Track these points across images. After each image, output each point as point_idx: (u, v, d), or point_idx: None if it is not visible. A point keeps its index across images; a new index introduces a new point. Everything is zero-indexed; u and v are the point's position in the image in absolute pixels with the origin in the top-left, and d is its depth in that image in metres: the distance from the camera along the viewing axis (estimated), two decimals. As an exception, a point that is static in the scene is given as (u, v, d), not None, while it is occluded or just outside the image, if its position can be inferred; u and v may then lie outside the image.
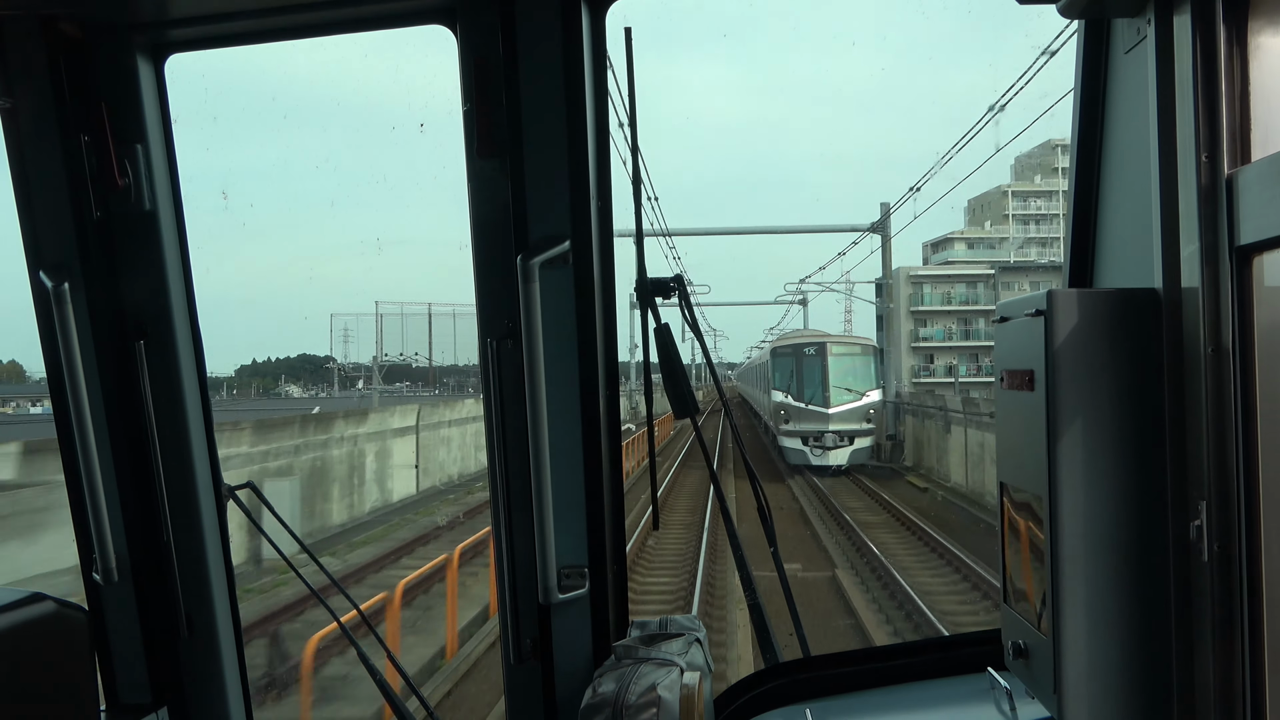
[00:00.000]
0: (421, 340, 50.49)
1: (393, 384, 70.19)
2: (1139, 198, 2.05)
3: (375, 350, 49.90)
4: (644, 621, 2.79)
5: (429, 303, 52.76)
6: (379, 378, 49.23)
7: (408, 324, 50.95)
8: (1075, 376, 1.92)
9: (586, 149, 2.66)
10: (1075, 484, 1.92)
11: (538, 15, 2.60)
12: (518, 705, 2.86)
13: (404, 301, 55.68)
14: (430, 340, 50.10)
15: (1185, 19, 1.86)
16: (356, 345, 58.99)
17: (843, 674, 2.87)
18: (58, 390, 2.85)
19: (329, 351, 67.94)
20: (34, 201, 2.80)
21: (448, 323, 49.23)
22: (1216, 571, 1.82)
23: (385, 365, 51.77)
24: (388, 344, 50.93)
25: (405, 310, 51.36)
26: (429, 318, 50.17)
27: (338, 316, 52.92)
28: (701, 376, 36.30)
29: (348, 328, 53.32)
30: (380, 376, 48.50)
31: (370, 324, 50.62)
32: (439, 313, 49.16)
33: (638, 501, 25.96)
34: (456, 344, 51.04)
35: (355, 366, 57.32)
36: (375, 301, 59.62)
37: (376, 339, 50.29)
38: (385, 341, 50.95)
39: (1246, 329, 1.76)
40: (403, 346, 51.28)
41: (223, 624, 3.07)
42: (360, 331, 56.54)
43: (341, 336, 55.08)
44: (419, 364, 54.82)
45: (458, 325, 49.83)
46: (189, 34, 2.86)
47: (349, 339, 55.26)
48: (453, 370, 75.06)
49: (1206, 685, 1.84)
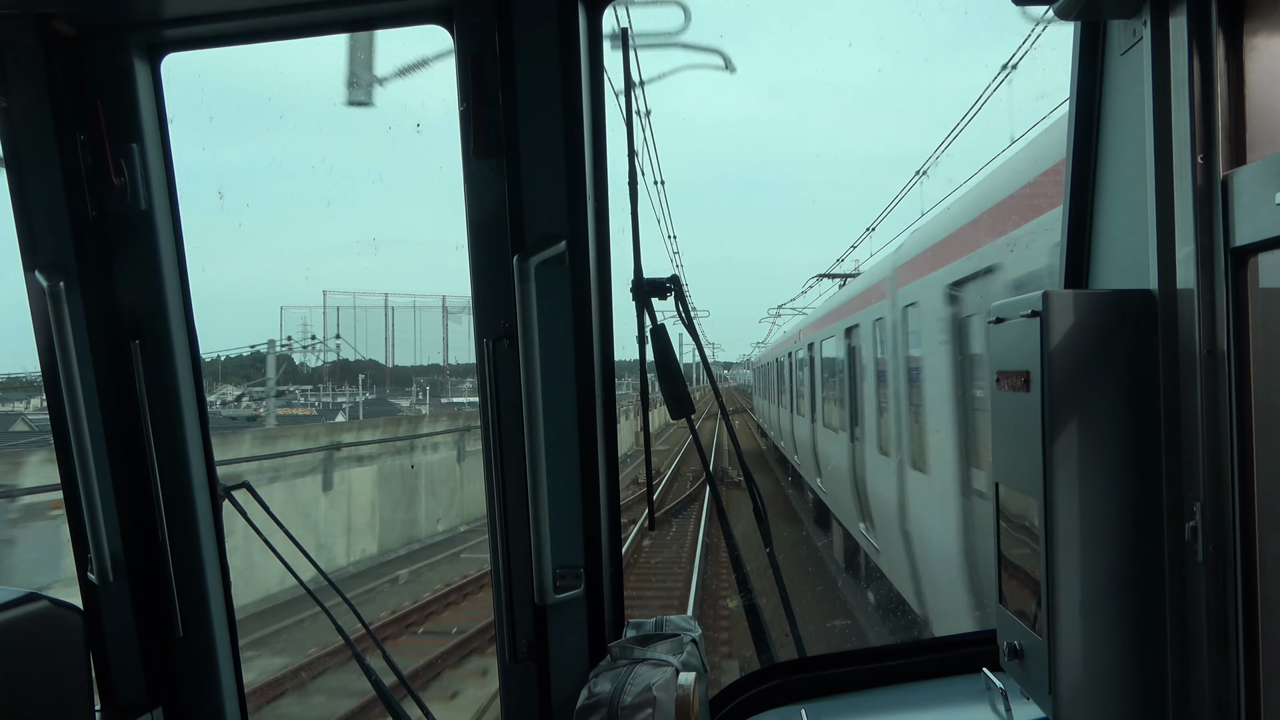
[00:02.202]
0: (381, 336, 43.78)
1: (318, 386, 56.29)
2: (1134, 199, 2.06)
3: (326, 345, 42.31)
4: (640, 622, 2.79)
5: (385, 293, 46.63)
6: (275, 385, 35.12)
7: (364, 318, 44.81)
8: (1071, 377, 1.93)
9: (583, 148, 2.66)
10: (1070, 485, 1.92)
11: (534, 15, 2.60)
12: (513, 705, 2.85)
13: (357, 291, 48.36)
14: (389, 336, 44.33)
15: (1181, 21, 1.87)
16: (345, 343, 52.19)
17: (838, 674, 2.87)
18: (53, 389, 2.84)
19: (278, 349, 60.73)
20: (30, 201, 2.80)
21: (433, 317, 42.75)
22: (1211, 572, 1.82)
23: (326, 365, 44.96)
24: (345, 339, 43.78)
25: (358, 301, 44.95)
26: (387, 310, 44.26)
27: (290, 309, 44.94)
28: (697, 378, 35.65)
29: (306, 321, 46.74)
30: (277, 379, 35.28)
31: (335, 317, 44.87)
32: (398, 305, 42.40)
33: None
34: (419, 340, 44.85)
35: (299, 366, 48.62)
36: (323, 291, 52.51)
37: (323, 334, 43.80)
38: (350, 335, 44.40)
39: (1242, 330, 1.77)
40: (355, 342, 44.43)
41: (218, 624, 3.06)
42: (320, 326, 49.58)
43: (300, 331, 46.74)
44: (353, 359, 47.16)
45: (420, 320, 43.73)
46: (185, 34, 2.86)
47: (309, 334, 47.52)
48: (429, 370, 62.62)
49: (1201, 685, 1.85)
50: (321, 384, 56.60)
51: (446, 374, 59.13)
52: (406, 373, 66.35)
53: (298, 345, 39.89)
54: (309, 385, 57.54)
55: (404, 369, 67.44)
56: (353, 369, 57.91)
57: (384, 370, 61.51)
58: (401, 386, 64.90)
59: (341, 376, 56.64)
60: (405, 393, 61.46)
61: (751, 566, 3.14)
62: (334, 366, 50.48)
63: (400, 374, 66.89)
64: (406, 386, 63.58)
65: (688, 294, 2.94)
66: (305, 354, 42.30)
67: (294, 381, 53.94)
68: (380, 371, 63.35)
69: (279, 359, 35.15)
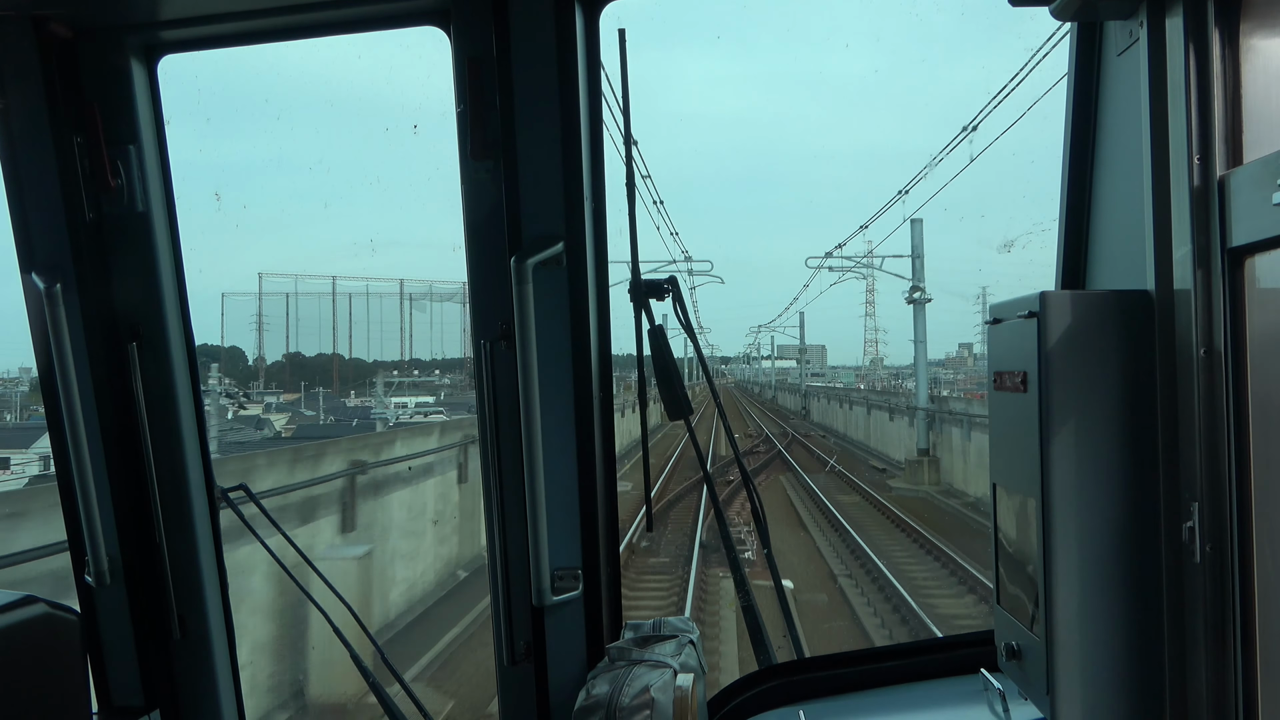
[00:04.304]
0: (341, 326, 37.88)
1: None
2: (1131, 200, 2.06)
3: (258, 338, 37.47)
4: (638, 623, 2.78)
5: (333, 276, 39.93)
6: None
7: (307, 305, 38.24)
8: (1068, 378, 1.93)
9: (580, 150, 2.66)
10: (1068, 485, 1.93)
11: (531, 16, 2.60)
12: (511, 707, 2.85)
13: (299, 274, 42.04)
14: (337, 326, 38.51)
15: (1177, 21, 1.87)
16: (273, 333, 47.00)
17: (836, 675, 2.87)
18: (50, 391, 2.84)
19: (219, 342, 50.57)
20: (27, 202, 2.79)
21: (392, 305, 36.99)
22: (1209, 572, 1.82)
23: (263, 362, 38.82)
24: (294, 329, 37.33)
25: (300, 287, 39.11)
26: (334, 296, 38.76)
27: (231, 297, 40.09)
28: (694, 374, 34.85)
29: (264, 314, 41.18)
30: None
31: (295, 306, 38.26)
32: (349, 290, 36.44)
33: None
34: (371, 333, 38.18)
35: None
36: (259, 274, 46.57)
37: (258, 323, 38.56)
38: (293, 326, 38.12)
39: (1239, 331, 1.77)
40: (288, 333, 38.25)
41: (215, 626, 3.06)
42: (274, 316, 43.73)
43: (250, 324, 42.57)
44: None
45: (375, 307, 37.00)
46: (182, 35, 2.86)
47: (267, 328, 42.03)
48: (394, 367, 54.94)
49: (1199, 686, 1.85)
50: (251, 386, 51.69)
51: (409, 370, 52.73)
52: (370, 369, 59.32)
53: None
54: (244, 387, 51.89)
55: (366, 365, 60.15)
56: (309, 366, 51.98)
57: (360, 365, 54.98)
58: (366, 383, 58.08)
59: (288, 376, 50.58)
60: (368, 391, 54.73)
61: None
62: (277, 363, 45.37)
63: (364, 370, 59.93)
64: (372, 382, 56.62)
65: (686, 293, 2.94)
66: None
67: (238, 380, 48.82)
68: (350, 366, 56.51)
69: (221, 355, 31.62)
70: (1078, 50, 2.34)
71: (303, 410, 47.47)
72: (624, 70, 2.77)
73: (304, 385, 52.17)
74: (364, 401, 51.62)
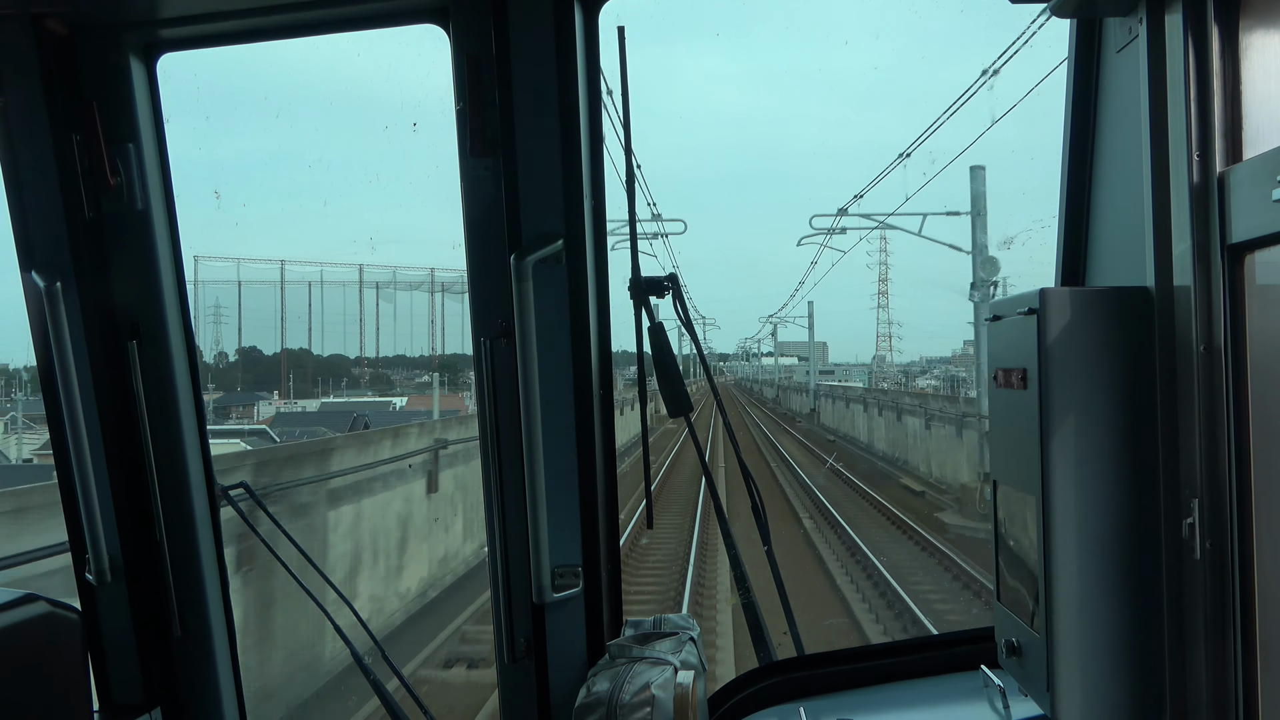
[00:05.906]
0: (299, 317, 34.67)
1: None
2: (1131, 196, 2.06)
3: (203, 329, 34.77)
4: (638, 620, 2.79)
5: (281, 260, 37.27)
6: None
7: (253, 293, 35.39)
8: (1068, 375, 1.93)
9: (579, 147, 2.66)
10: (1068, 482, 1.93)
11: (530, 14, 2.60)
12: (512, 704, 2.86)
13: (242, 258, 38.29)
14: (283, 314, 36.23)
15: (1177, 18, 1.87)
16: (230, 325, 44.50)
17: (836, 672, 2.87)
18: (50, 389, 2.84)
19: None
20: (26, 200, 2.79)
21: (339, 292, 32.80)
22: (1209, 569, 1.82)
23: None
24: (247, 320, 34.67)
25: (244, 275, 36.20)
26: (282, 285, 36.26)
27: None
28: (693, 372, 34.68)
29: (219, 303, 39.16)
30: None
31: (245, 293, 35.26)
32: (298, 278, 33.14)
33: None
34: (313, 325, 34.15)
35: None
36: (194, 256, 41.82)
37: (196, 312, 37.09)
38: (244, 317, 35.57)
39: (1238, 327, 1.77)
40: (240, 322, 34.73)
41: (216, 624, 3.06)
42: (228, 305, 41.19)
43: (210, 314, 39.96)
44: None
45: (331, 296, 33.68)
46: (181, 33, 2.85)
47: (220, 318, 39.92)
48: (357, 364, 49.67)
49: (1199, 682, 1.85)
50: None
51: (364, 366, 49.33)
52: (334, 364, 55.62)
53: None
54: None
55: (327, 360, 56.30)
56: (267, 363, 48.63)
57: (308, 362, 50.85)
58: (333, 380, 54.48)
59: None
60: (335, 389, 51.08)
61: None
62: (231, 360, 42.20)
63: (326, 366, 56.38)
64: (338, 379, 53.03)
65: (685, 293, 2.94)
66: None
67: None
68: (302, 363, 52.39)
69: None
70: (1077, 47, 2.34)
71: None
72: (623, 68, 2.77)
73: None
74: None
